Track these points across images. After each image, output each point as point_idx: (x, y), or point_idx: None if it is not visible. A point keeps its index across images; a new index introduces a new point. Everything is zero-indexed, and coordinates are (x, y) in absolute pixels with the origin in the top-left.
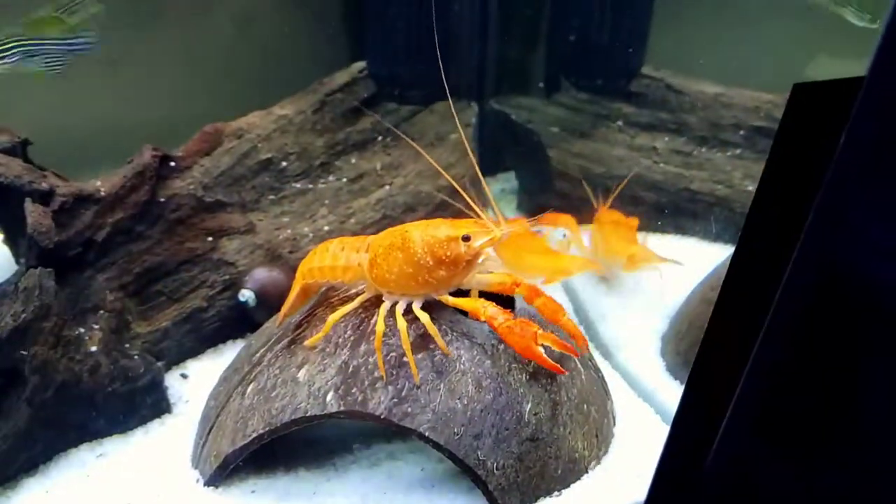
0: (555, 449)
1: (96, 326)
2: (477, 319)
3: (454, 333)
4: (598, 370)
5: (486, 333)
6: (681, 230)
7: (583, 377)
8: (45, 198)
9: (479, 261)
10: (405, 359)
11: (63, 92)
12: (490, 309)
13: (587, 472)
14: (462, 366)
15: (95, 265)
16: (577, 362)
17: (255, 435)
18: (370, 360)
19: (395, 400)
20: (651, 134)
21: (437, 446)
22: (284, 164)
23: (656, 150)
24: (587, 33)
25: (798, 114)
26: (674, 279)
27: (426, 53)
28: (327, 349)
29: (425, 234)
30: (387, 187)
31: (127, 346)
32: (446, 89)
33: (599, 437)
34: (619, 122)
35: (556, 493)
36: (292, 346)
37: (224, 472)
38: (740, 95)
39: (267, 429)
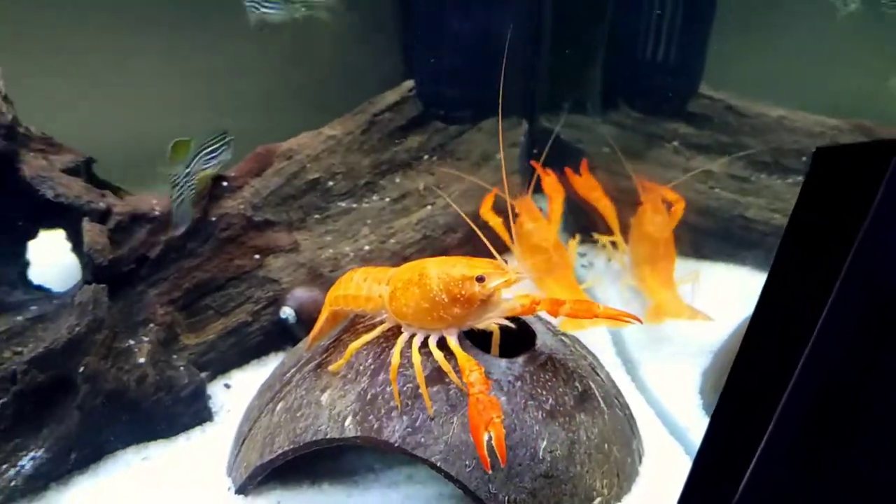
0: (570, 486)
1: (146, 339)
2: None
3: None
4: (625, 407)
5: (504, 369)
6: (732, 258)
7: (605, 416)
8: (102, 216)
9: (496, 300)
10: (420, 390)
11: (132, 105)
12: (473, 375)
13: None
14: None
15: (148, 280)
16: (602, 401)
17: (280, 451)
18: (387, 389)
19: (409, 430)
20: (708, 156)
21: (448, 477)
22: (331, 183)
23: (712, 174)
24: (644, 51)
25: (822, 178)
26: (721, 312)
27: (475, 71)
28: (349, 375)
29: (441, 271)
30: (429, 207)
31: (174, 356)
32: (499, 107)
33: (621, 475)
34: (676, 143)
35: None
36: (318, 370)
37: (253, 482)
38: (804, 119)
39: (291, 446)
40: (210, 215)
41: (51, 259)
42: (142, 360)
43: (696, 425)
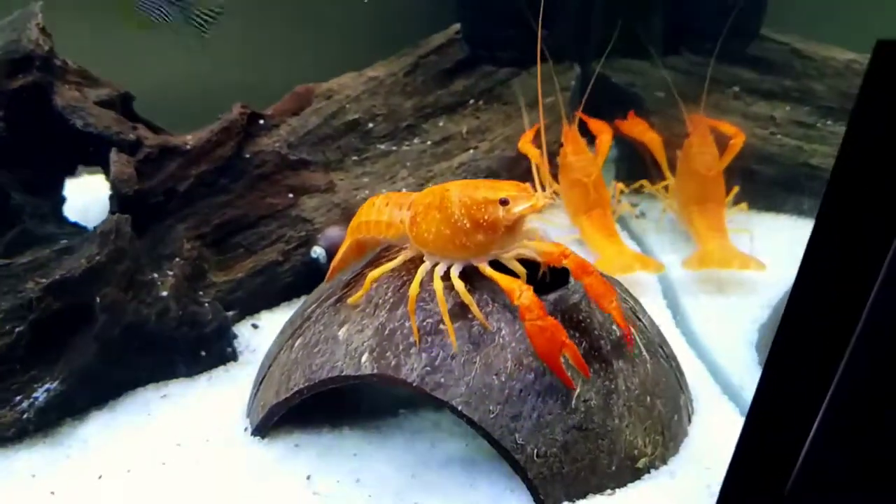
0: (607, 442)
1: (170, 273)
2: (511, 301)
3: (495, 304)
4: (671, 359)
5: None
6: (797, 210)
7: (648, 366)
8: (132, 148)
9: (522, 228)
10: (441, 326)
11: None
12: (526, 296)
13: (649, 471)
14: (502, 339)
15: (176, 214)
16: (643, 348)
17: (295, 389)
18: (406, 324)
19: (428, 368)
20: (770, 102)
21: (470, 423)
22: (371, 125)
23: (774, 119)
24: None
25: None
26: (784, 266)
27: (525, 13)
28: (367, 309)
29: (463, 194)
30: (471, 151)
31: (201, 293)
32: (544, 51)
33: (667, 434)
34: (735, 88)
35: (608, 490)
36: (338, 304)
37: (269, 423)
38: None
39: (306, 384)
40: (244, 152)
41: (92, 199)
42: (164, 293)
43: (752, 383)
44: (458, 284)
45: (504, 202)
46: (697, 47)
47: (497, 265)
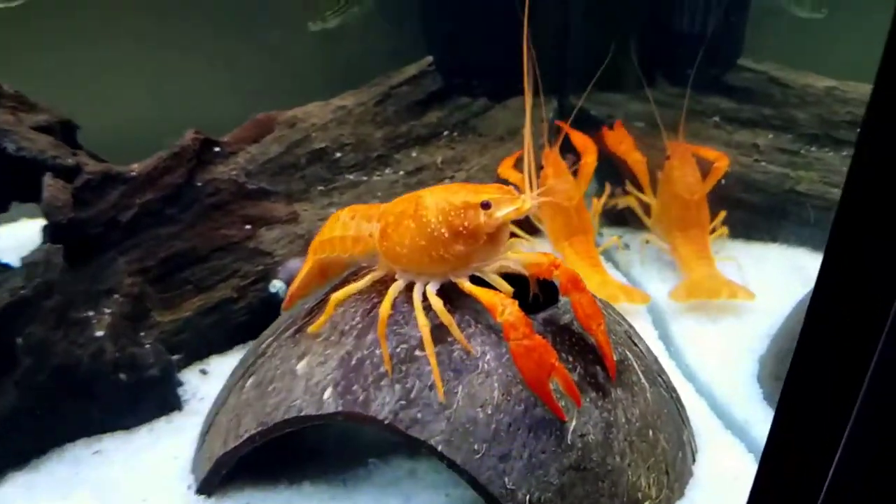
0: (608, 484)
1: (108, 310)
2: (493, 318)
3: (478, 325)
4: (671, 390)
5: None
6: (786, 239)
7: (648, 395)
8: (71, 174)
9: (506, 237)
10: (417, 352)
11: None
12: (510, 311)
13: None
14: (486, 366)
15: (118, 247)
16: (642, 375)
17: (246, 435)
18: (377, 351)
19: (403, 402)
20: (752, 131)
21: (452, 465)
22: (339, 154)
23: (758, 147)
24: (679, 22)
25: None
26: (776, 295)
27: (501, 46)
28: (331, 337)
29: (440, 199)
30: (447, 181)
31: (142, 334)
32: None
33: (671, 474)
34: (716, 118)
35: None
36: (297, 335)
37: (216, 478)
38: (857, 89)
39: (259, 429)
40: (196, 180)
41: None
42: (100, 333)
43: (758, 418)
44: (436, 302)
45: (486, 206)
46: (674, 78)
47: (478, 282)
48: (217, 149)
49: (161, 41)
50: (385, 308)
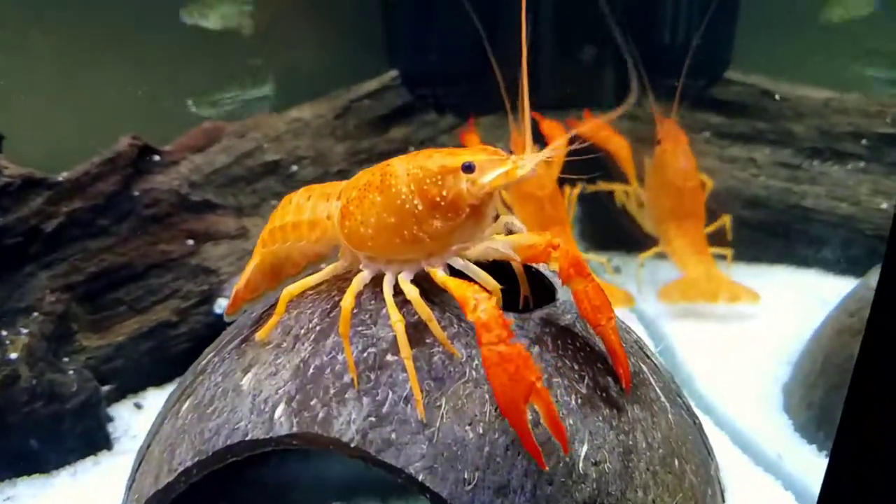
0: None
1: (25, 330)
2: (464, 313)
3: (462, 324)
4: (693, 415)
5: (513, 326)
6: (794, 259)
7: (670, 416)
8: None
9: (493, 211)
10: (389, 356)
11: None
12: (483, 308)
13: None
14: (474, 373)
15: (40, 260)
16: (661, 393)
17: (181, 468)
18: (339, 357)
19: (373, 419)
20: (747, 146)
21: (436, 499)
22: (295, 168)
23: (755, 161)
24: (661, 35)
25: None
26: (791, 319)
27: (471, 62)
28: (283, 343)
29: (412, 165)
30: None
31: (65, 359)
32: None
33: None
34: (706, 133)
35: None
36: (243, 345)
37: None
38: (857, 100)
39: (196, 459)
40: (132, 189)
41: None
42: (14, 355)
43: (793, 452)
44: (412, 292)
45: (468, 168)
46: (658, 93)
47: (455, 274)
48: (157, 157)
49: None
50: (348, 301)
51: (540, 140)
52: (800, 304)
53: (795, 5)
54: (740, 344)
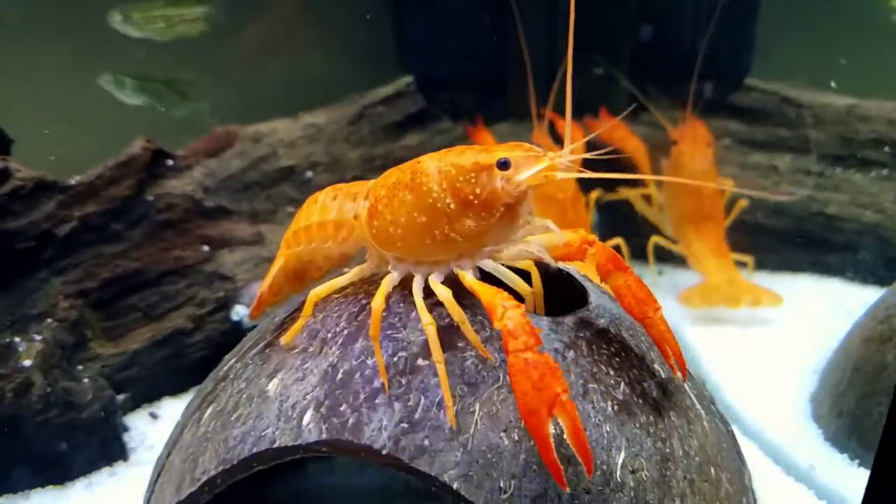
0: None
1: (38, 337)
2: (491, 320)
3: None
4: (726, 422)
5: (546, 332)
6: (818, 267)
7: (705, 424)
8: None
9: (527, 210)
10: (420, 361)
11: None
12: (511, 315)
13: None
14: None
15: (53, 265)
16: (696, 400)
17: (205, 478)
18: (369, 361)
19: (405, 425)
20: (768, 153)
21: None
22: (310, 173)
23: (776, 169)
24: (680, 42)
25: None
26: (817, 325)
27: (486, 69)
28: (311, 348)
29: (444, 163)
30: None
31: (80, 367)
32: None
33: None
34: (726, 141)
35: None
36: (267, 350)
37: None
38: (880, 107)
39: (220, 468)
40: (146, 194)
41: None
42: (27, 362)
43: (826, 462)
44: (444, 293)
45: (503, 165)
46: (675, 100)
47: (485, 277)
48: (170, 161)
49: None
50: (378, 302)
51: (556, 140)
52: (824, 313)
53: None
54: (764, 353)
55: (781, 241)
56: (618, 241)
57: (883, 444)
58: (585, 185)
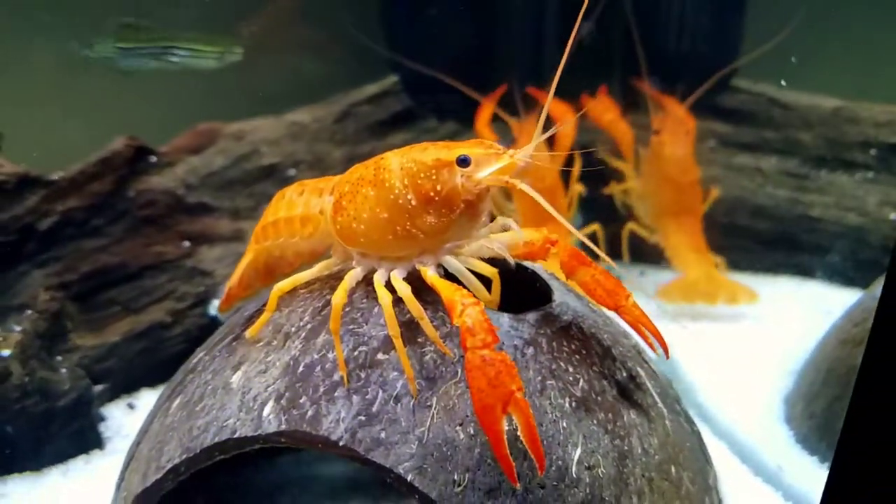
0: None
1: (17, 328)
2: (450, 319)
3: (455, 325)
4: (691, 422)
5: (506, 329)
6: (798, 269)
7: (667, 423)
8: None
9: (488, 207)
10: (380, 355)
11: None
12: (470, 312)
13: None
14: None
15: (34, 258)
16: (658, 398)
17: (169, 466)
18: (329, 355)
19: (362, 417)
20: (753, 155)
21: (425, 500)
22: (293, 171)
23: (761, 171)
24: (665, 40)
25: None
26: (794, 327)
27: (471, 68)
28: (274, 342)
29: (406, 159)
30: None
31: (59, 358)
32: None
33: None
34: (712, 142)
35: None
36: (234, 343)
37: None
38: (867, 109)
39: (183, 456)
40: (128, 190)
41: None
42: (6, 352)
43: (794, 464)
44: (403, 288)
45: (463, 162)
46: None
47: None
48: (153, 158)
49: None
50: (339, 297)
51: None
52: (804, 314)
53: None
54: (741, 353)
55: (764, 242)
56: (594, 227)
57: (841, 444)
58: (567, 177)
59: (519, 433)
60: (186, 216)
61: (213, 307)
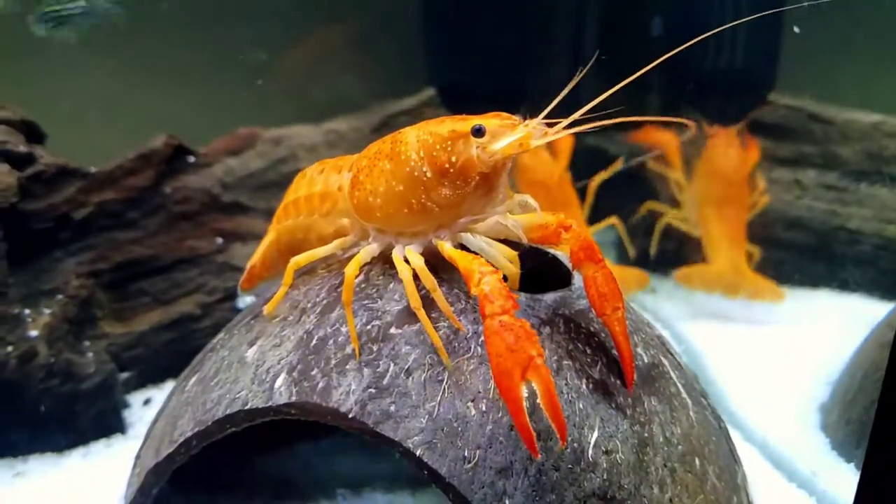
0: None
1: (47, 310)
2: (468, 288)
3: (471, 301)
4: (719, 418)
5: (523, 308)
6: (837, 283)
7: (691, 414)
8: (22, 162)
9: (505, 183)
10: (393, 330)
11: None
12: (488, 280)
13: None
14: (479, 349)
15: (68, 247)
16: (682, 388)
17: (181, 439)
18: (343, 329)
19: (372, 390)
20: (792, 169)
21: (435, 477)
22: None
23: (800, 183)
24: (705, 57)
25: None
26: (832, 338)
27: (508, 80)
28: (290, 317)
29: (422, 132)
30: None
31: (86, 343)
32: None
33: None
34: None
35: None
36: (252, 321)
37: (147, 498)
38: None
39: (196, 429)
40: (165, 186)
41: None
42: (33, 332)
43: (830, 470)
44: (417, 261)
45: (478, 132)
46: (700, 116)
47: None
48: (192, 158)
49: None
50: (351, 269)
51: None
52: (840, 325)
53: None
54: (776, 363)
55: (801, 254)
56: (613, 220)
57: (872, 445)
58: (578, 175)
59: (538, 401)
60: (221, 214)
61: (242, 301)
